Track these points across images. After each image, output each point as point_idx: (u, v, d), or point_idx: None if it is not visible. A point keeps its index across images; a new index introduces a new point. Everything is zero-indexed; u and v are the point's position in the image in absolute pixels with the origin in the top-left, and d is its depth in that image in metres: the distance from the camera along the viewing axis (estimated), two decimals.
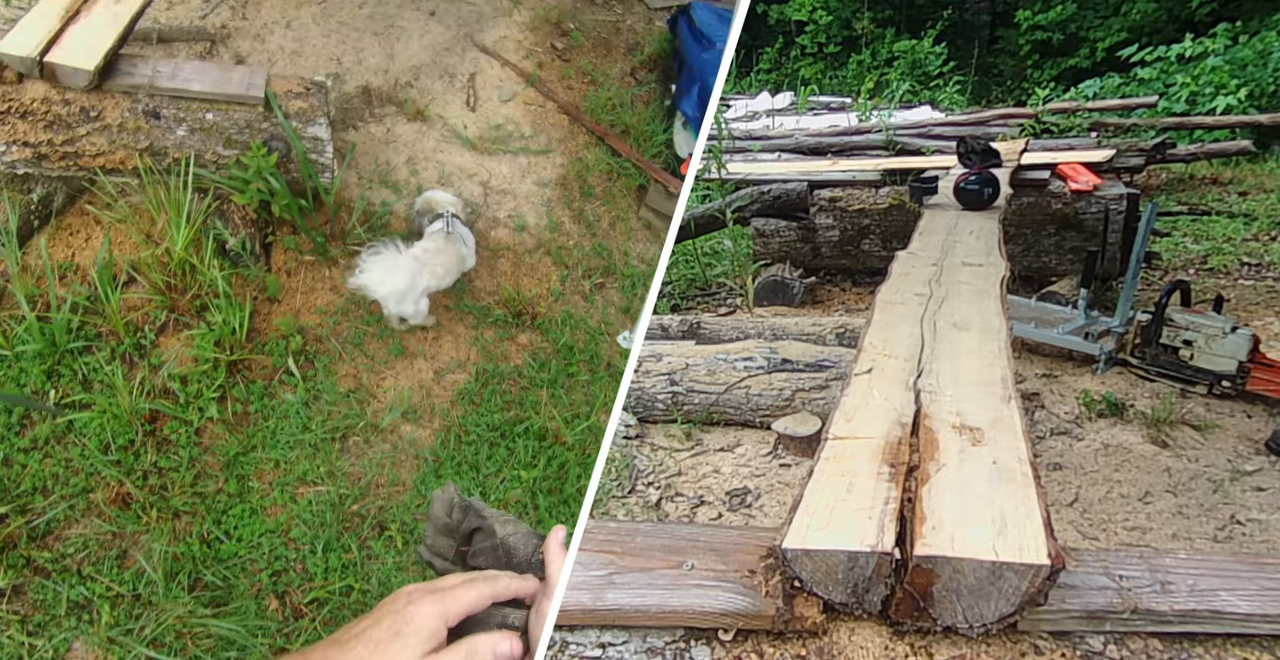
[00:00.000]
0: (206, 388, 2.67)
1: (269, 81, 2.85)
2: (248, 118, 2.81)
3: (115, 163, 2.71)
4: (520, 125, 3.83)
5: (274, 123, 2.82)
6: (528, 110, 3.91)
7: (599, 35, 4.41)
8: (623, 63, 4.34)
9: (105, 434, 2.53)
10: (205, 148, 2.78)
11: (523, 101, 3.92)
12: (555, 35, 4.25)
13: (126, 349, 2.69)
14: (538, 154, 3.76)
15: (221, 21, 3.69)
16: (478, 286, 3.27)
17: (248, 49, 3.63)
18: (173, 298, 2.77)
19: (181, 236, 2.70)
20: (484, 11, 4.19)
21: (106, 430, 2.53)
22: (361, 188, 3.36)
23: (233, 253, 2.87)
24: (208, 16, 3.64)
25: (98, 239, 2.83)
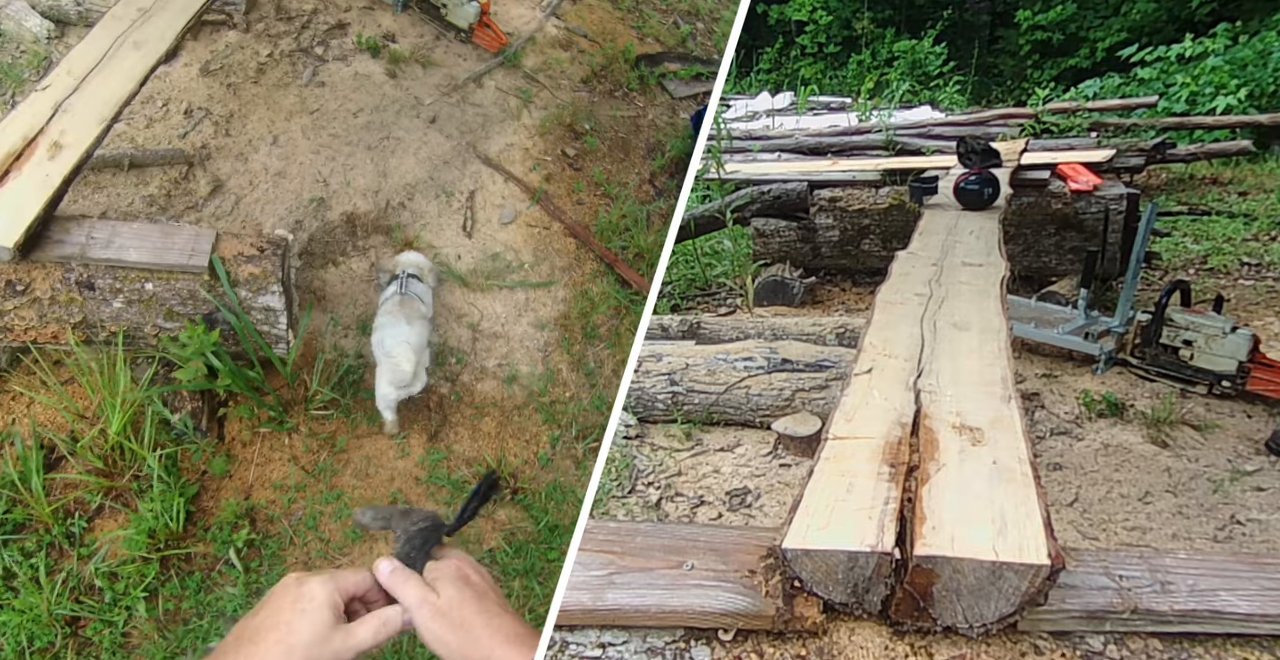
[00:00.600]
0: (134, 586, 2.43)
1: (217, 243, 2.61)
2: (190, 287, 2.55)
3: (47, 337, 2.51)
4: (520, 252, 3.48)
5: (220, 293, 2.58)
6: (530, 234, 3.56)
7: (617, 135, 4.10)
8: (641, 167, 4.06)
9: (21, 636, 2.30)
10: (144, 320, 2.56)
11: (525, 223, 3.57)
12: (568, 139, 3.96)
13: (55, 538, 2.46)
14: (537, 288, 3.41)
15: (203, 140, 3.38)
16: (456, 452, 2.96)
17: (228, 171, 3.34)
18: (109, 480, 2.54)
19: (117, 417, 2.47)
20: (491, 114, 3.90)
21: (23, 632, 2.31)
22: (335, 336, 3.03)
23: (177, 429, 2.65)
24: (188, 134, 3.39)
25: (38, 408, 2.62)
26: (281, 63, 3.75)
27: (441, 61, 4.04)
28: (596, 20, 4.70)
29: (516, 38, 4.29)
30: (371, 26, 4.03)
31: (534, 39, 4.37)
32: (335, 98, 3.69)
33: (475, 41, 4.12)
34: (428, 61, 4.00)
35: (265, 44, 3.79)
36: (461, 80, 3.99)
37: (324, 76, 3.77)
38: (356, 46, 3.93)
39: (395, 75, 3.88)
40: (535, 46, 4.34)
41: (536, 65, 4.25)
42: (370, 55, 3.92)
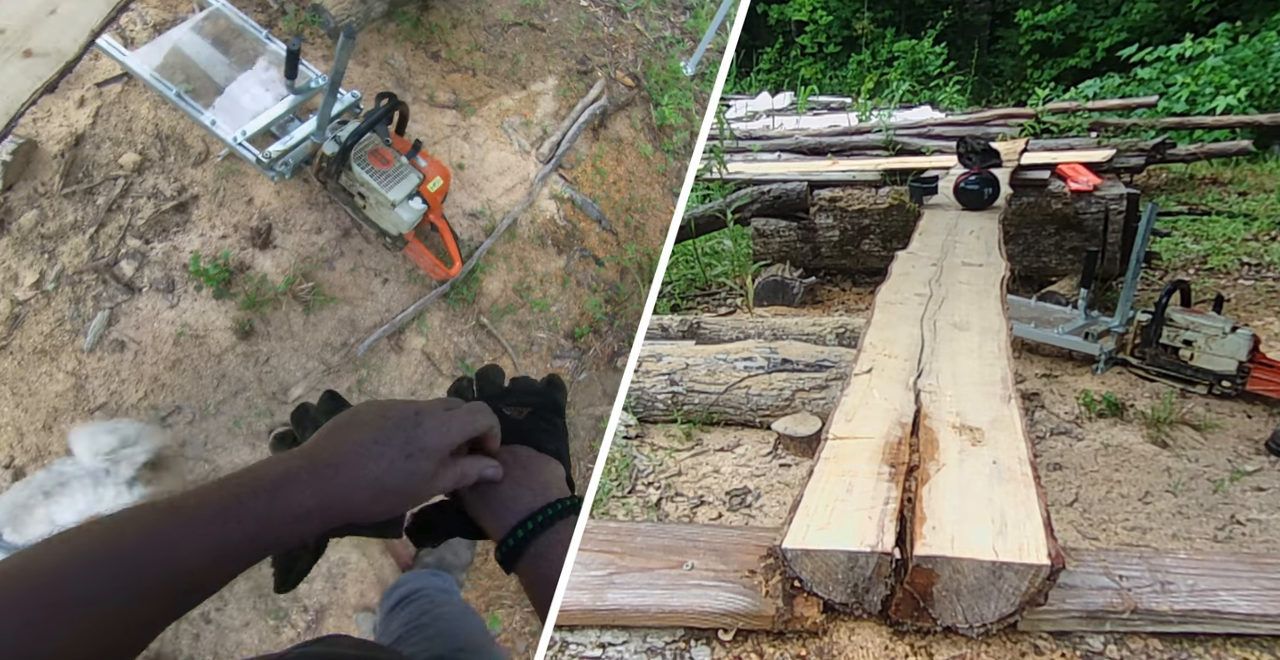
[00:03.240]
0: None
1: None
2: None
3: None
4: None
5: None
6: None
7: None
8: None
9: None
10: None
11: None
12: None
13: None
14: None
15: None
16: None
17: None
18: None
19: None
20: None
21: None
22: None
23: None
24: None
25: None
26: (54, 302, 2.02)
27: (341, 294, 2.27)
28: (623, 176, 3.16)
29: (486, 227, 2.55)
30: (230, 215, 2.15)
31: (513, 230, 2.60)
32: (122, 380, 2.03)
33: (409, 256, 2.50)
34: (319, 297, 2.21)
35: (30, 254, 1.94)
36: (362, 343, 2.24)
37: (124, 329, 2.00)
38: (188, 272, 2.13)
39: (248, 333, 2.14)
40: (513, 247, 2.63)
41: (504, 300, 2.64)
42: (211, 292, 2.09)
